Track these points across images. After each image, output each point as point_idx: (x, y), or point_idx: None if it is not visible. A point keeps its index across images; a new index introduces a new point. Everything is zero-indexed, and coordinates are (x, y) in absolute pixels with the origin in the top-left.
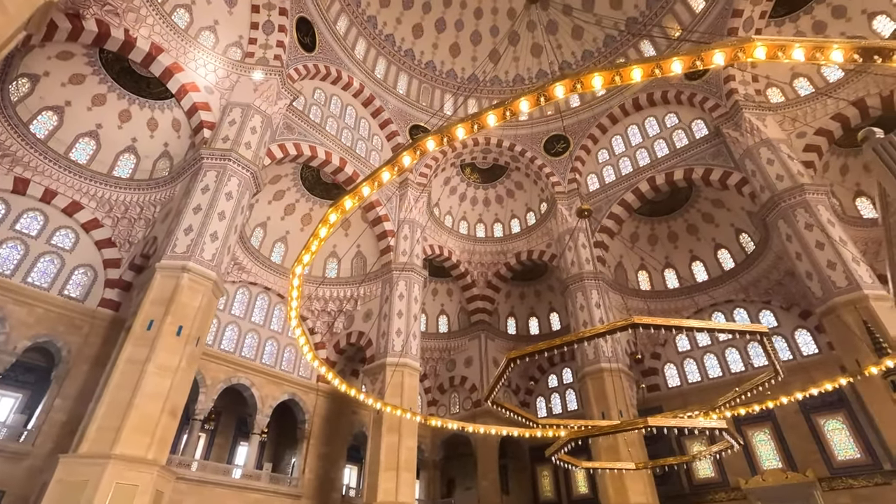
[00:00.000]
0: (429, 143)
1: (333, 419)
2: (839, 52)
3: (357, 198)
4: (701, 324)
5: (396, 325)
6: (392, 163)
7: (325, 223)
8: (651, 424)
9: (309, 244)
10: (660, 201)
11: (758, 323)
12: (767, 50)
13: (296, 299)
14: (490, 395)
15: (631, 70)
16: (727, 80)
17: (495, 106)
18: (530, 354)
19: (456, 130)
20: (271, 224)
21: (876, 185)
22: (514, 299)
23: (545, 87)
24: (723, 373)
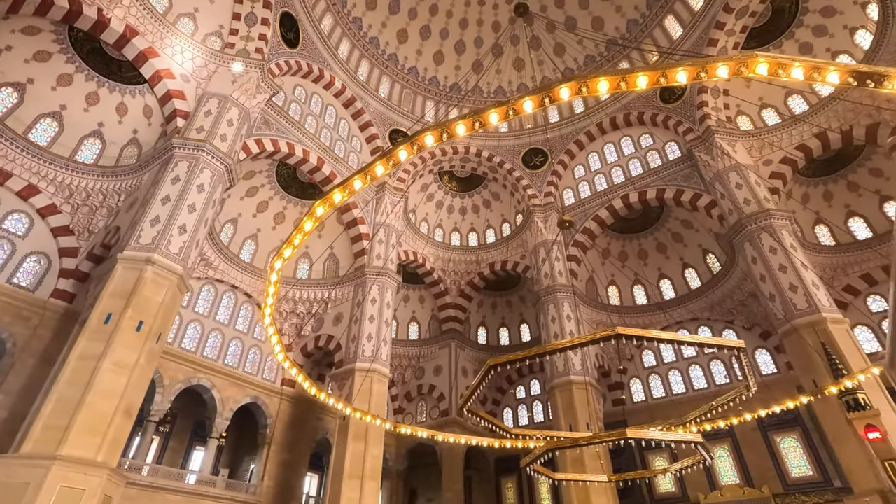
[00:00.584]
0: (427, 139)
1: (297, 425)
2: (835, 74)
3: (348, 191)
4: (681, 337)
5: (367, 329)
6: (387, 157)
7: (312, 216)
8: (630, 436)
9: (291, 237)
10: (632, 219)
11: None
12: (769, 66)
13: (272, 295)
14: (466, 402)
15: (636, 77)
16: (700, 105)
17: (497, 104)
18: (511, 362)
19: (456, 126)
20: (242, 221)
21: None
22: (486, 309)
23: (551, 89)
24: (686, 389)
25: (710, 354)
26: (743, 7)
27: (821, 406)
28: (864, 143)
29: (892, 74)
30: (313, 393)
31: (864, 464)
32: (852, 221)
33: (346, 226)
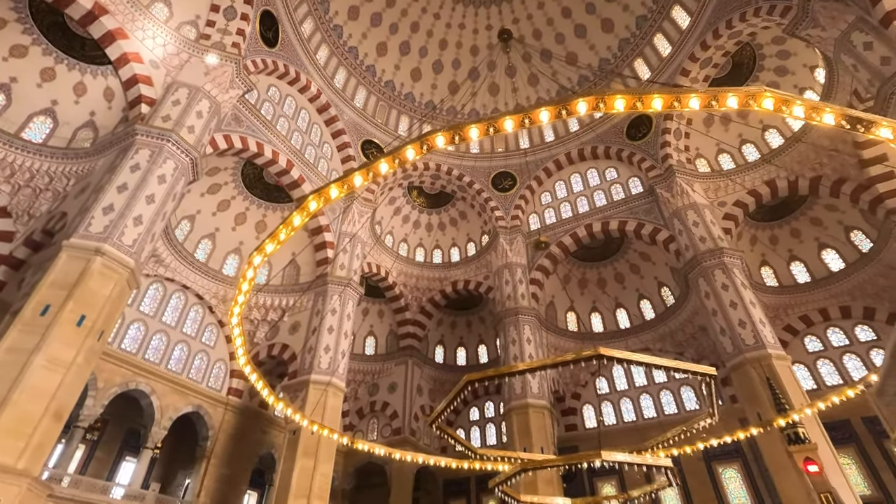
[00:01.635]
0: (408, 153)
1: (240, 437)
2: (831, 116)
3: (324, 199)
4: (658, 360)
5: (326, 340)
6: (368, 169)
7: (304, 210)
8: (605, 458)
9: (277, 232)
10: (594, 248)
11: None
12: (774, 102)
13: (245, 293)
14: (437, 417)
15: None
16: (663, 145)
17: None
18: (489, 378)
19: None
20: (201, 218)
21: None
22: (445, 328)
23: (568, 102)
24: (636, 418)
25: (660, 385)
26: (707, 58)
27: (763, 439)
28: (807, 194)
29: (878, 121)
30: (271, 402)
31: (802, 495)
32: (794, 265)
33: (311, 232)
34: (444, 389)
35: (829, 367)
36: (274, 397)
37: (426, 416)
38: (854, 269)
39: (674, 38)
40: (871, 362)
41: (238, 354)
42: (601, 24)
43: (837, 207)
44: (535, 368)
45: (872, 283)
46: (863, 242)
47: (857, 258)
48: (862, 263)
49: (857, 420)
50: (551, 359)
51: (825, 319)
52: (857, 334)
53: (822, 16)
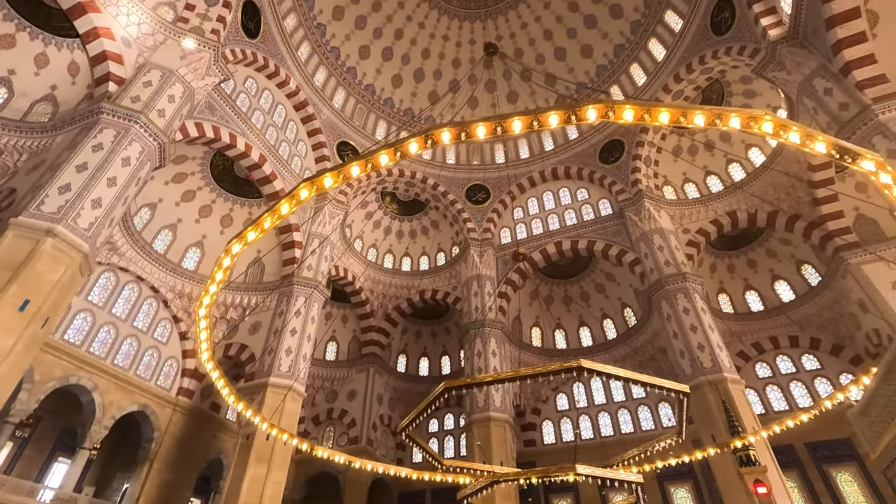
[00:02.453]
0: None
1: (188, 441)
2: (822, 145)
3: (295, 201)
4: (638, 376)
5: (288, 343)
6: (339, 170)
7: (294, 198)
8: (579, 472)
9: (261, 220)
10: (562, 265)
11: (629, 392)
12: (773, 125)
13: (219, 283)
14: (409, 424)
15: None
16: (634, 170)
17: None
18: (468, 386)
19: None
20: (163, 207)
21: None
22: (410, 337)
23: (578, 107)
24: (594, 435)
25: (618, 403)
26: (679, 90)
27: (716, 460)
28: (765, 227)
29: (863, 154)
30: (231, 402)
31: None
32: (749, 294)
33: (280, 231)
34: (405, 399)
35: (777, 393)
36: (234, 397)
37: (385, 425)
38: (803, 301)
39: (649, 68)
40: (815, 391)
41: (202, 349)
42: (580, 50)
43: (791, 242)
44: (519, 378)
45: (819, 315)
46: (812, 276)
47: (806, 291)
48: (810, 296)
49: (800, 446)
50: (533, 369)
51: (775, 347)
52: (803, 363)
53: (788, 60)
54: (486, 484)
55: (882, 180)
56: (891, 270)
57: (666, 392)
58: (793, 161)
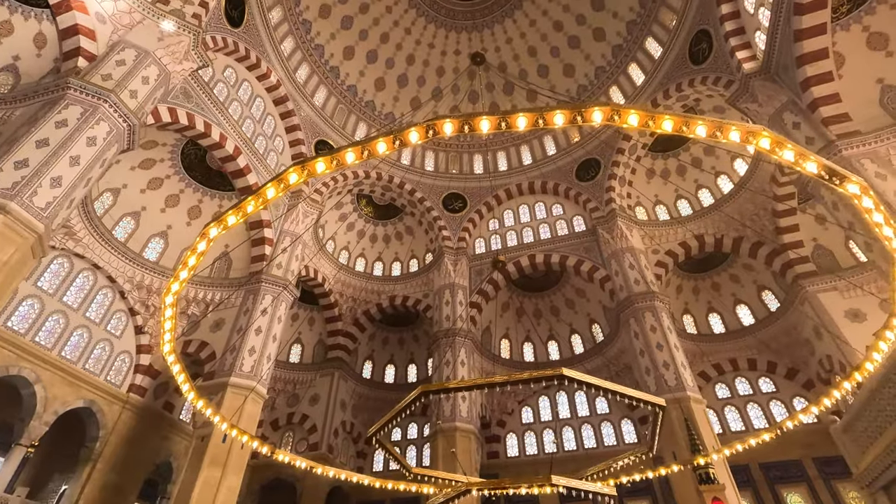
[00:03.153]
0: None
1: (136, 441)
2: (814, 165)
3: (261, 200)
4: (616, 387)
5: (252, 342)
6: (303, 165)
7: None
8: (555, 483)
9: (244, 204)
10: (535, 278)
11: (593, 407)
12: (770, 142)
13: (191, 269)
14: (381, 428)
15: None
16: (609, 189)
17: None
18: (445, 391)
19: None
20: (127, 193)
21: None
22: (377, 343)
23: (584, 108)
24: (557, 450)
25: (582, 418)
26: None
27: (676, 477)
28: (729, 252)
29: (849, 177)
30: (190, 399)
31: None
32: (712, 316)
33: (250, 226)
34: (369, 406)
35: (734, 413)
36: (195, 393)
37: (347, 432)
38: (762, 326)
39: (628, 91)
40: (770, 412)
41: (164, 339)
42: (563, 69)
43: (753, 268)
44: (497, 384)
45: (776, 339)
46: (772, 302)
47: (766, 315)
48: (769, 321)
49: (755, 466)
50: (511, 376)
51: (734, 369)
52: (760, 385)
53: (760, 93)
54: (459, 493)
55: (864, 204)
56: (844, 300)
57: (644, 405)
58: (759, 190)
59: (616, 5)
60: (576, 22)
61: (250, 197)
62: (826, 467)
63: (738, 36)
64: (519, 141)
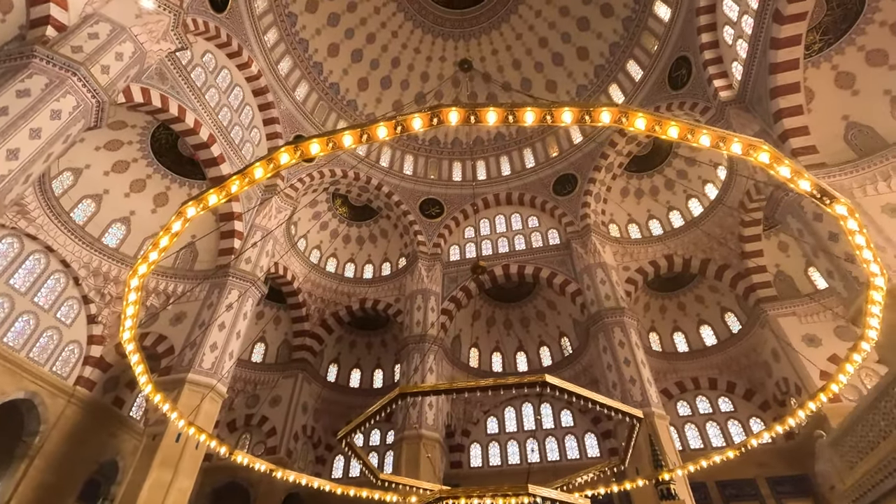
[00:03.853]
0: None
1: (80, 438)
2: (807, 183)
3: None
4: (596, 396)
5: (214, 338)
6: (268, 160)
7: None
8: (532, 492)
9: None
10: (508, 288)
11: (558, 420)
12: (770, 156)
13: (162, 251)
14: (355, 429)
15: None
16: (584, 205)
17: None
18: (424, 393)
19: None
20: (89, 174)
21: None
22: (344, 346)
23: (593, 108)
24: (520, 461)
25: (547, 430)
26: (633, 135)
27: (637, 493)
28: (696, 274)
29: (838, 199)
30: (147, 392)
31: None
32: (676, 335)
33: (220, 218)
34: (332, 411)
35: (694, 431)
36: (152, 386)
37: (307, 437)
38: (724, 347)
39: None
40: (728, 431)
41: (125, 325)
42: (545, 84)
43: (718, 290)
44: (479, 388)
45: (737, 361)
46: (734, 324)
47: (727, 337)
48: (731, 342)
49: (711, 484)
50: (494, 381)
51: (696, 388)
52: (719, 405)
53: (734, 121)
54: (435, 499)
55: (849, 226)
56: (802, 325)
57: (622, 416)
58: (727, 215)
59: (601, 26)
60: (561, 39)
61: (235, 176)
62: (778, 486)
63: (716, 65)
64: (499, 151)
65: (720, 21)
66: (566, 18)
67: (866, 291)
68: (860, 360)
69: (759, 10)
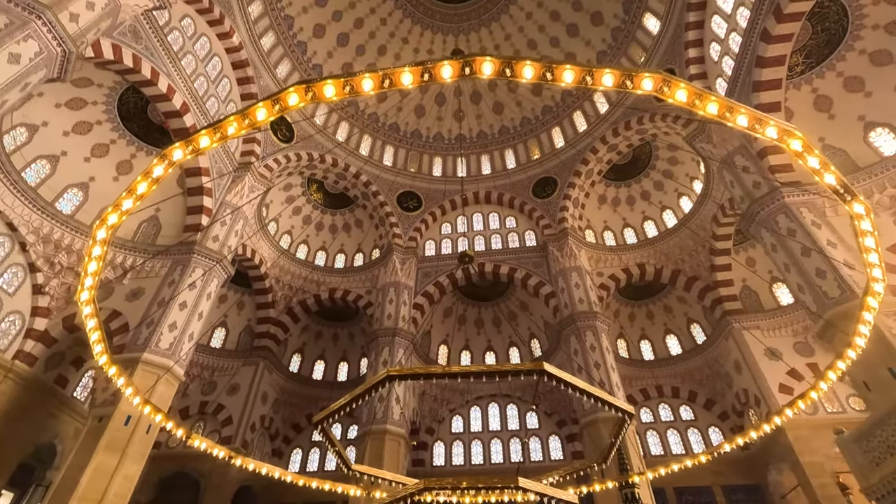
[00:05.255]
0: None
1: (15, 417)
2: (832, 177)
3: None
4: (592, 389)
5: (174, 317)
6: (243, 115)
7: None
8: (521, 486)
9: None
10: (481, 287)
11: (524, 421)
12: (802, 144)
13: (136, 198)
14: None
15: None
16: (562, 209)
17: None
18: (415, 377)
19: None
20: (46, 132)
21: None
22: (310, 336)
23: (635, 73)
24: (484, 461)
25: (511, 432)
26: (614, 144)
27: (601, 496)
28: (667, 283)
29: (858, 196)
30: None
31: None
32: (643, 343)
33: (188, 192)
34: (292, 402)
35: (655, 438)
36: (108, 356)
37: (265, 428)
38: (688, 357)
39: (591, 118)
40: (688, 439)
41: (85, 284)
42: (532, 88)
43: (686, 300)
44: (472, 373)
45: (699, 371)
46: (699, 335)
47: (692, 347)
48: (695, 353)
49: (670, 491)
50: (489, 366)
51: (659, 395)
52: (680, 413)
53: (715, 135)
54: (416, 490)
55: (862, 226)
56: (765, 338)
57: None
58: (700, 228)
59: (590, 34)
60: (549, 44)
61: (232, 116)
62: (732, 494)
63: (700, 80)
64: (480, 150)
65: (707, 38)
66: (556, 23)
67: (863, 297)
68: (844, 367)
69: (748, 28)
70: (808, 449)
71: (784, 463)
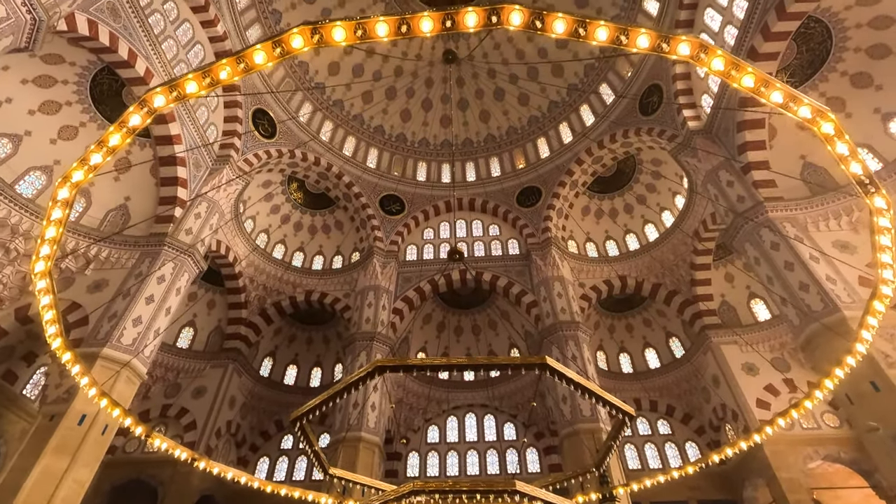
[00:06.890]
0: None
1: None
2: (858, 166)
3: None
4: (594, 388)
5: (139, 311)
6: (204, 71)
7: (172, 90)
8: (518, 489)
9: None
10: (462, 295)
11: (501, 433)
12: (834, 128)
13: (108, 153)
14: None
15: (745, 72)
16: (546, 219)
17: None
18: (405, 369)
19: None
20: (9, 109)
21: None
22: (282, 339)
23: (672, 36)
24: (459, 472)
25: (488, 443)
26: (599, 156)
27: None
28: (647, 297)
29: (880, 190)
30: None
31: None
32: (622, 356)
33: (162, 182)
34: (261, 408)
35: (633, 451)
36: (62, 340)
37: (231, 434)
38: (666, 371)
39: (577, 129)
40: (665, 453)
41: (41, 252)
42: (519, 97)
43: (666, 314)
44: (470, 366)
45: (677, 385)
46: (678, 349)
47: (671, 361)
48: (674, 367)
49: None
50: (489, 359)
51: (637, 409)
52: (658, 427)
53: (700, 149)
54: (407, 492)
55: (881, 223)
56: (743, 353)
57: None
58: (681, 243)
59: (577, 45)
60: (538, 54)
61: (226, 60)
62: None
63: (686, 95)
64: (465, 157)
65: None
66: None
67: (869, 301)
68: (842, 374)
69: (735, 46)
70: (784, 465)
71: (760, 479)
